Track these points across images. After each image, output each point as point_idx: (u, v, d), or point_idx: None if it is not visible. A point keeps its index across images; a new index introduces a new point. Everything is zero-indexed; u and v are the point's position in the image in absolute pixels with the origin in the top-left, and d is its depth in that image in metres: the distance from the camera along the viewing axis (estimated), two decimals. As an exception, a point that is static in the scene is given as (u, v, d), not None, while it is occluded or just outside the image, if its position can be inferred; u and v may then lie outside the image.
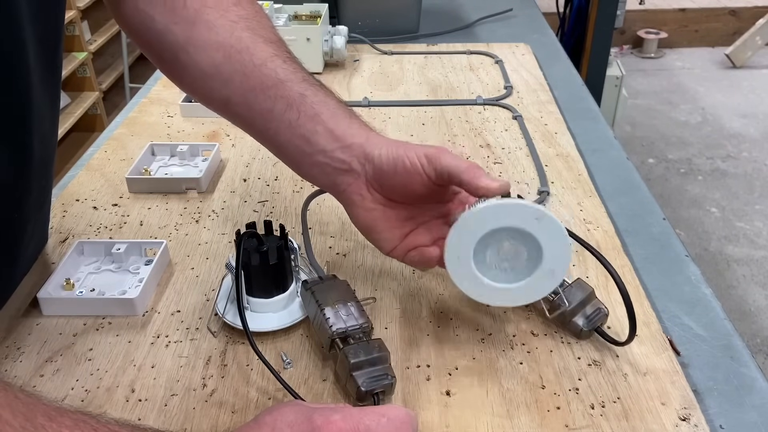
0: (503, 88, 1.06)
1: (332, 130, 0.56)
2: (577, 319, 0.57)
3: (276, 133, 0.58)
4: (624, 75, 2.17)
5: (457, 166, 0.52)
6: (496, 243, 0.52)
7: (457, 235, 0.52)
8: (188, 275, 0.66)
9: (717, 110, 3.18)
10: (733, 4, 3.91)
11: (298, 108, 0.57)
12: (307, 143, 0.56)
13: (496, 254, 0.53)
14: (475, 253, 0.52)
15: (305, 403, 0.45)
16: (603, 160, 0.88)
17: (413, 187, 0.54)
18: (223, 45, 0.58)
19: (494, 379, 0.54)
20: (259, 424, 0.42)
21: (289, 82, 0.57)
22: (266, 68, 0.58)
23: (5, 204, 0.57)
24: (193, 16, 0.59)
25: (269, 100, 0.57)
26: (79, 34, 2.56)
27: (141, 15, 0.59)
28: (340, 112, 0.57)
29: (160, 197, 0.79)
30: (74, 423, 0.37)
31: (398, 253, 0.57)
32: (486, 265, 0.53)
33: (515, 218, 0.51)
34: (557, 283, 0.53)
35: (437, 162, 0.53)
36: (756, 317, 2.00)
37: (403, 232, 0.57)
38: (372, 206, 0.56)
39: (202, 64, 0.58)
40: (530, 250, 0.52)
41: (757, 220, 2.41)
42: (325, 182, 0.58)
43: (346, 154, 0.56)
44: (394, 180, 0.55)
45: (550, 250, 0.51)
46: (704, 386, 0.55)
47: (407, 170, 0.54)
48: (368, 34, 1.24)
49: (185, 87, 0.63)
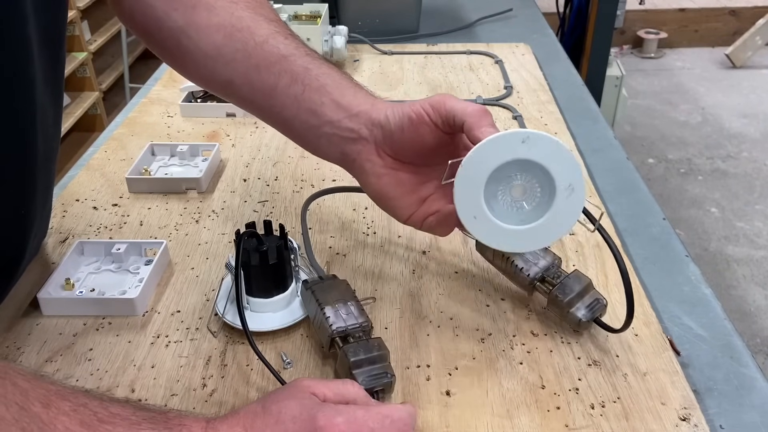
0: (503, 88, 1.06)
1: (338, 100, 0.56)
2: (575, 310, 0.56)
3: (282, 108, 0.58)
4: (624, 75, 2.17)
5: (462, 109, 0.51)
6: (504, 185, 0.50)
7: (462, 190, 0.50)
8: (188, 275, 0.66)
9: (717, 110, 3.18)
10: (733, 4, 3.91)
11: (302, 81, 0.56)
12: (314, 115, 0.56)
13: (509, 196, 0.51)
14: (488, 203, 0.50)
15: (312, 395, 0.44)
16: (603, 160, 0.88)
17: (423, 140, 0.53)
18: (223, 25, 0.58)
19: (494, 379, 0.54)
20: (266, 410, 0.42)
21: (292, 57, 0.57)
22: (268, 45, 0.58)
23: (13, 200, 0.58)
24: (193, 0, 0.59)
25: (273, 76, 0.57)
26: (79, 34, 2.56)
27: (140, 3, 0.59)
28: (345, 83, 0.57)
29: (160, 197, 0.78)
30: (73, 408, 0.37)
31: (415, 219, 0.55)
32: (505, 212, 0.51)
33: (504, 151, 0.48)
34: (582, 197, 0.50)
35: (442, 107, 0.52)
36: (756, 317, 2.00)
37: (419, 197, 0.55)
38: (384, 171, 0.55)
39: (204, 47, 0.58)
40: (538, 176, 0.50)
41: (757, 220, 2.41)
42: (333, 153, 0.58)
43: (354, 123, 0.55)
44: (403, 137, 0.54)
45: (555, 167, 0.49)
46: (704, 386, 0.55)
47: (413, 123, 0.53)
48: (368, 34, 1.24)
49: (188, 72, 0.63)
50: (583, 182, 0.50)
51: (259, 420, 0.42)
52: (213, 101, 0.99)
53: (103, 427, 0.37)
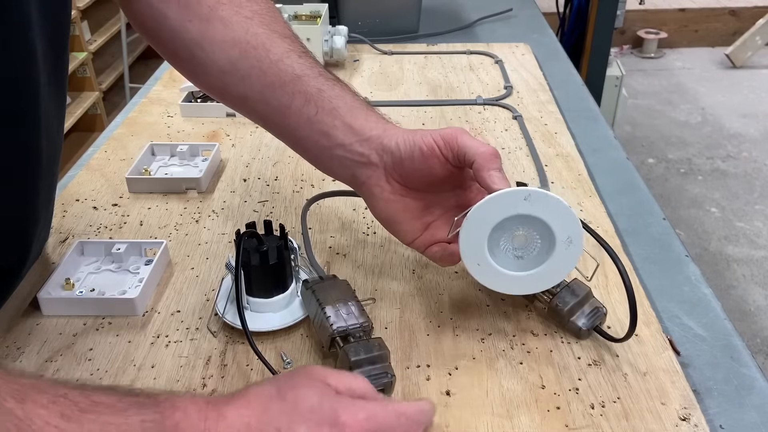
0: (503, 88, 1.06)
1: (350, 123, 0.57)
2: (575, 318, 0.57)
3: (295, 128, 0.58)
4: (624, 75, 2.17)
5: (474, 149, 0.53)
6: (507, 234, 0.53)
7: (467, 241, 0.53)
8: (188, 275, 0.66)
9: (717, 110, 3.18)
10: (733, 4, 3.91)
11: (316, 103, 0.57)
12: (326, 137, 0.57)
13: (511, 245, 0.54)
14: (491, 252, 0.53)
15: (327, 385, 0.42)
16: (603, 160, 0.88)
17: (431, 171, 0.55)
18: (239, 41, 0.58)
19: (494, 379, 0.54)
20: (281, 395, 0.40)
21: (306, 77, 0.58)
22: (283, 64, 0.58)
23: (17, 202, 0.58)
24: (208, 13, 0.59)
25: (287, 96, 0.58)
26: (79, 34, 2.56)
27: (154, 12, 0.59)
28: (357, 106, 0.58)
29: (160, 197, 0.78)
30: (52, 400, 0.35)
31: (419, 244, 0.58)
32: (507, 259, 0.54)
33: (507, 207, 0.52)
34: (580, 249, 0.54)
35: (454, 142, 0.54)
36: (756, 317, 2.00)
37: (424, 222, 0.57)
38: (392, 197, 0.57)
39: (219, 61, 0.59)
40: (539, 229, 0.53)
41: (757, 220, 2.41)
42: (344, 175, 0.59)
43: (365, 147, 0.56)
44: (412, 166, 0.55)
45: (555, 222, 0.52)
46: (704, 386, 0.55)
47: (424, 154, 0.54)
48: (368, 34, 1.24)
49: (201, 84, 0.63)
50: (582, 234, 0.53)
51: (275, 406, 0.39)
52: (213, 101, 0.99)
53: (86, 417, 0.35)
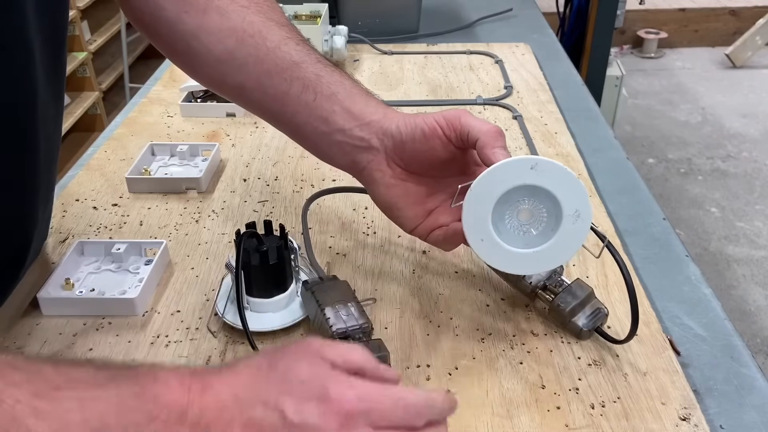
0: (503, 88, 1.06)
1: (349, 108, 0.56)
2: (576, 319, 0.57)
3: (293, 115, 0.58)
4: (624, 75, 2.17)
5: (477, 127, 0.52)
6: (512, 208, 0.51)
7: (470, 213, 0.50)
8: (188, 275, 0.66)
9: (717, 110, 3.18)
10: (733, 4, 3.91)
11: (314, 89, 0.57)
12: (325, 123, 0.57)
13: (516, 220, 0.52)
14: (495, 227, 0.51)
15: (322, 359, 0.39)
16: (603, 160, 0.88)
17: (434, 153, 0.54)
18: (235, 30, 0.58)
19: (494, 379, 0.54)
20: (271, 366, 0.38)
21: (303, 64, 0.58)
22: (280, 51, 0.58)
23: (16, 200, 0.58)
24: (204, 3, 0.59)
25: (285, 83, 0.57)
26: (79, 34, 2.55)
27: (150, 5, 0.59)
28: (356, 91, 0.58)
29: (160, 197, 0.78)
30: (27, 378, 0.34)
31: (421, 231, 0.56)
32: (512, 235, 0.52)
33: (513, 176, 0.49)
34: (588, 223, 0.51)
35: (457, 122, 0.53)
36: (756, 317, 2.00)
37: (426, 208, 0.56)
38: (393, 182, 0.56)
39: (215, 51, 0.58)
40: (546, 202, 0.51)
41: (757, 220, 2.41)
42: (344, 161, 0.58)
43: (365, 132, 0.56)
44: (414, 148, 0.54)
45: (562, 193, 0.50)
46: (704, 386, 0.55)
47: (426, 135, 0.53)
48: (368, 34, 1.24)
49: (198, 76, 0.63)
50: (590, 208, 0.51)
51: (264, 377, 0.38)
52: (213, 101, 0.99)
53: (61, 394, 0.34)
